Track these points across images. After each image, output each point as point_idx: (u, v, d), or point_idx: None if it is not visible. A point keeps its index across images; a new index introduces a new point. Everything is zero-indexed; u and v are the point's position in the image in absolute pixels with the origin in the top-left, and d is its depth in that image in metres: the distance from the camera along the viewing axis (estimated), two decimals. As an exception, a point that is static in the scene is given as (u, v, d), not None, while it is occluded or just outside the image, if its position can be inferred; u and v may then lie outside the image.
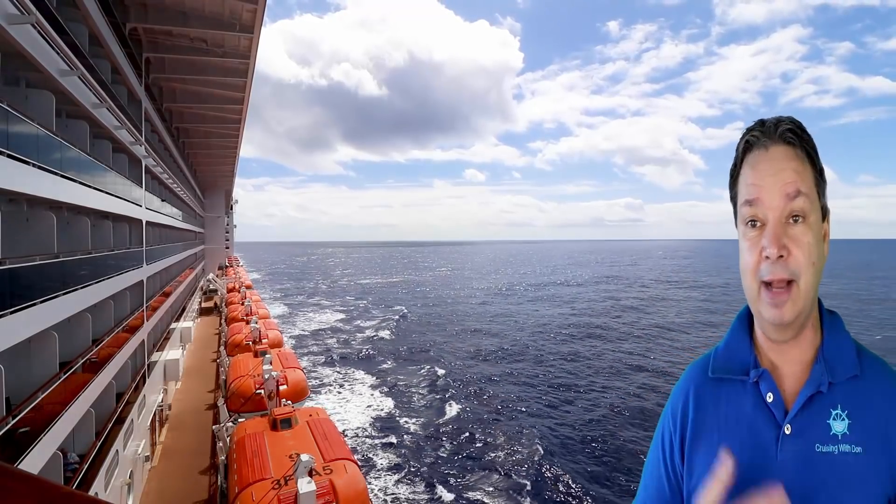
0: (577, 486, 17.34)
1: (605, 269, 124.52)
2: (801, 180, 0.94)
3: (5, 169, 6.55)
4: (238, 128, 29.79)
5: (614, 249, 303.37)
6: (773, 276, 0.93)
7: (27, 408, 6.98)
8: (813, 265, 0.93)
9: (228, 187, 57.76)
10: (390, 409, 25.30)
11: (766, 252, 0.93)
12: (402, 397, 27.13)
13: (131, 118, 14.91)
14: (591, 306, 60.22)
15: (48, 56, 8.25)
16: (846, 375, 0.96)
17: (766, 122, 0.99)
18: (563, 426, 22.72)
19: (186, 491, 13.38)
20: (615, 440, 21.03)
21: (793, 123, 0.97)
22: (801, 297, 0.93)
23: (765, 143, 0.97)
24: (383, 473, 18.32)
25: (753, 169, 0.98)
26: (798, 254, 0.93)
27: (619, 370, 32.01)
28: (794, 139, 0.95)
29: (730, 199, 1.05)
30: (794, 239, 0.93)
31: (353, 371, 32.93)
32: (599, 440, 21.10)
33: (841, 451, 0.91)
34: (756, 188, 0.96)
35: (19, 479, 0.49)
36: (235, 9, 16.06)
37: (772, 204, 0.94)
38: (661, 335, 42.70)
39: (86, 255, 10.15)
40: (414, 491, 17.08)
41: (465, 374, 31.38)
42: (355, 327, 49.07)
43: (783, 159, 0.95)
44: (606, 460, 19.37)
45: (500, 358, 35.70)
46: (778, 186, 0.94)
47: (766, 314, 0.95)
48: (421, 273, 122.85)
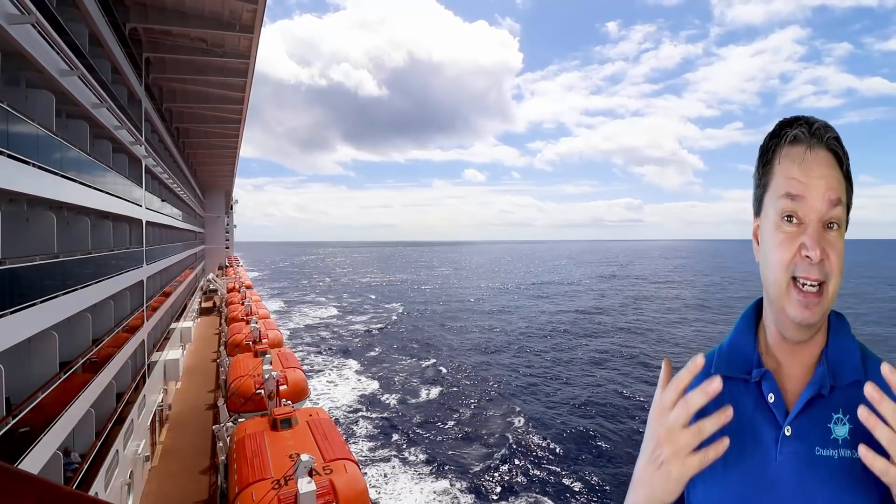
0: (581, 483, 17.35)
1: (602, 269, 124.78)
2: (841, 190, 0.95)
3: (5, 169, 6.55)
4: (238, 128, 29.80)
5: (613, 250, 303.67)
6: (809, 276, 0.93)
7: (27, 408, 6.98)
8: (840, 272, 0.95)
9: (228, 187, 57.78)
10: (390, 403, 25.34)
11: (808, 252, 0.93)
12: (401, 392, 27.16)
13: (131, 118, 14.91)
14: (583, 304, 60.79)
15: (48, 56, 8.24)
16: (849, 380, 0.96)
17: (811, 122, 0.99)
18: (566, 422, 22.72)
19: (186, 491, 13.38)
20: (611, 431, 21.09)
21: (835, 133, 0.98)
22: (829, 301, 0.94)
23: (812, 142, 0.97)
24: (383, 473, 18.33)
25: (799, 165, 0.97)
26: (834, 259, 0.94)
27: (605, 363, 32.56)
28: (838, 148, 0.97)
29: (756, 185, 1.04)
30: (829, 244, 0.94)
31: (347, 361, 34.33)
32: (598, 433, 21.14)
33: (841, 455, 0.91)
34: (801, 185, 0.96)
35: (19, 479, 0.49)
36: (235, 9, 16.05)
37: (815, 205, 0.95)
38: (647, 332, 43.27)
39: (86, 255, 10.14)
40: (413, 490, 17.08)
41: (463, 368, 31.50)
42: (353, 322, 50.33)
43: (829, 165, 0.96)
44: (604, 450, 19.41)
45: (498, 354, 35.72)
46: (822, 190, 0.94)
47: (794, 313, 0.95)
48: (420, 272, 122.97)
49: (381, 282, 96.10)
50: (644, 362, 33.65)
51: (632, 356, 35.50)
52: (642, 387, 27.97)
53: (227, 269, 54.47)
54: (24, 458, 6.61)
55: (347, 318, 53.35)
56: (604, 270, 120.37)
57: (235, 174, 49.41)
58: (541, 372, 31.67)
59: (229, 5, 15.82)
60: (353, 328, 47.43)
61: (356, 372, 31.90)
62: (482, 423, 23.16)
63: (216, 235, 57.11)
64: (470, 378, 30.32)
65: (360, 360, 35.06)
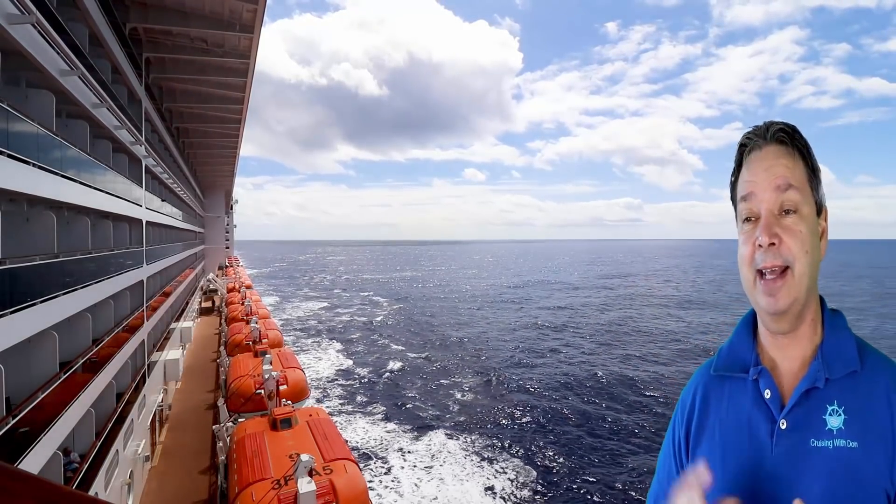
0: (583, 480, 17.36)
1: (598, 269, 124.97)
2: (792, 175, 0.98)
3: (5, 169, 6.55)
4: (238, 128, 29.80)
5: (611, 249, 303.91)
6: (765, 264, 0.97)
7: (27, 408, 6.98)
8: (807, 254, 0.96)
9: (228, 187, 57.81)
10: (390, 402, 25.37)
11: (759, 241, 0.97)
12: (402, 392, 27.20)
13: (131, 118, 14.91)
14: (572, 303, 60.85)
15: (48, 56, 8.24)
16: (844, 371, 0.97)
17: (759, 126, 1.04)
18: (568, 421, 22.72)
19: (186, 491, 13.39)
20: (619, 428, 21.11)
21: (785, 125, 1.02)
22: (796, 284, 0.96)
23: (759, 143, 1.02)
24: (383, 473, 18.34)
25: (748, 167, 1.03)
26: (790, 242, 0.96)
27: (595, 357, 32.32)
28: (785, 138, 1.00)
29: (731, 200, 1.09)
30: (786, 228, 0.97)
31: (342, 352, 36.26)
32: (602, 427, 21.15)
33: (836, 445, 0.92)
34: (750, 184, 1.01)
35: (19, 479, 0.49)
36: (235, 8, 16.05)
37: (763, 196, 0.99)
38: (631, 330, 43.38)
39: (86, 255, 10.14)
40: (414, 490, 17.09)
41: (463, 364, 31.54)
42: (340, 314, 52.98)
43: (775, 156, 1.00)
44: (609, 447, 19.42)
45: (497, 353, 35.73)
46: (769, 181, 0.99)
47: (762, 302, 0.98)
48: (419, 271, 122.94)
49: (381, 279, 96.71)
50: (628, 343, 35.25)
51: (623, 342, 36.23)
52: (645, 367, 28.02)
53: (227, 269, 54.52)
54: (24, 458, 6.62)
55: (335, 310, 57.11)
56: (600, 270, 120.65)
57: (235, 174, 49.43)
58: (544, 371, 31.67)
59: (229, 5, 15.82)
60: (340, 319, 51.18)
61: (353, 364, 33.17)
62: (482, 423, 23.15)
63: (216, 235, 57.16)
64: (471, 373, 30.38)
65: (357, 352, 36.55)
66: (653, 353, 35.78)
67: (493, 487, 17.32)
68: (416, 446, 20.61)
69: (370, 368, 32.80)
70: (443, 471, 18.45)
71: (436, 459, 19.39)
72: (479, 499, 16.62)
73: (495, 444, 20.79)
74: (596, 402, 25.75)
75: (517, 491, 17.09)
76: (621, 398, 26.30)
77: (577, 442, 21.07)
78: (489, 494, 16.88)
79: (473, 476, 18.10)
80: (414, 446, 20.61)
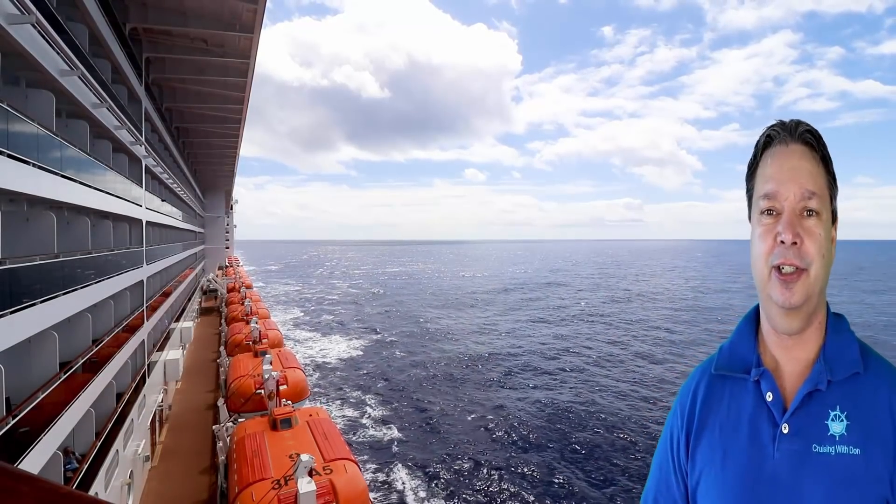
0: (580, 480, 17.35)
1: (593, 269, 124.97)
2: (814, 180, 0.98)
3: (5, 169, 6.54)
4: (238, 128, 29.77)
5: (610, 250, 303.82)
6: (785, 260, 0.96)
7: (27, 408, 6.97)
8: (823, 257, 0.96)
9: (228, 187, 57.76)
10: (390, 402, 25.35)
11: (782, 237, 0.97)
12: (401, 390, 27.19)
13: (131, 118, 14.90)
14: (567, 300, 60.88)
15: (48, 56, 8.23)
16: (846, 373, 0.96)
17: (786, 122, 1.03)
18: (564, 418, 22.72)
19: (186, 491, 13.38)
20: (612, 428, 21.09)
21: (812, 128, 1.01)
22: (811, 285, 0.96)
23: (785, 139, 1.01)
24: (383, 472, 18.33)
25: (773, 161, 1.02)
26: (810, 244, 0.96)
27: (591, 356, 32.33)
28: (812, 140, 1.00)
29: (746, 191, 1.08)
30: (807, 230, 0.97)
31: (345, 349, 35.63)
32: (599, 427, 21.14)
33: (838, 452, 0.91)
34: (776, 180, 1.00)
35: (19, 479, 0.49)
36: (235, 9, 16.05)
37: (788, 195, 0.98)
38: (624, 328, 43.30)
39: (86, 255, 10.14)
40: (412, 488, 17.08)
41: (466, 364, 31.50)
42: (351, 318, 52.24)
43: (801, 157, 0.99)
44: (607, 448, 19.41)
45: (498, 352, 35.72)
46: (795, 180, 0.98)
47: (776, 296, 0.97)
48: (420, 269, 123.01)
49: (381, 278, 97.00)
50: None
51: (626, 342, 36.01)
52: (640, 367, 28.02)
53: (227, 269, 54.53)
54: (24, 458, 6.61)
55: (336, 310, 57.51)
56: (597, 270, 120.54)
57: (236, 174, 49.41)
58: (550, 371, 31.67)
59: (229, 5, 15.81)
60: (340, 319, 51.22)
61: (354, 364, 32.95)
62: (483, 423, 23.14)
63: (216, 235, 57.15)
64: (474, 373, 30.35)
65: (357, 352, 36.55)
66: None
67: (494, 487, 17.33)
68: (416, 446, 20.60)
69: (371, 368, 32.77)
70: (443, 471, 18.45)
71: (436, 459, 19.39)
72: (480, 498, 16.63)
73: (497, 445, 20.80)
74: (603, 404, 25.72)
75: (518, 491, 17.10)
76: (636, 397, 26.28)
77: (579, 442, 21.06)
78: (490, 494, 16.89)
79: (473, 476, 18.11)
80: (414, 446, 20.61)
